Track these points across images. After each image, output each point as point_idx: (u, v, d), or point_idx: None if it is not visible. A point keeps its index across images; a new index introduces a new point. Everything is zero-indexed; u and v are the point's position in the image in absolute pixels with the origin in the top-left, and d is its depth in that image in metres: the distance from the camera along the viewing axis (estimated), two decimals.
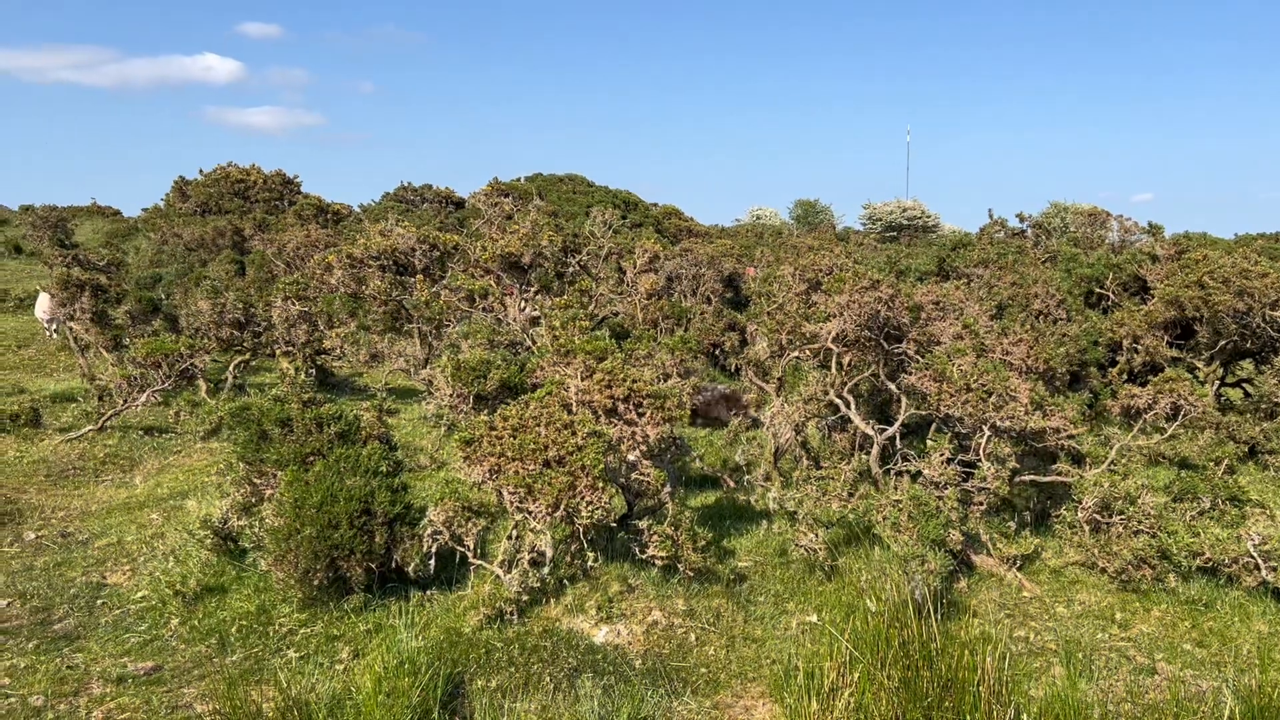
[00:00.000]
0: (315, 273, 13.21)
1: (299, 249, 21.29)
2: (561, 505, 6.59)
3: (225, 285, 16.20)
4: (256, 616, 7.03)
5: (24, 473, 10.68)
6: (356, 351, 11.66)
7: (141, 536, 8.84)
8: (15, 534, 8.85)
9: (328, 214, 30.91)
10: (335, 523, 6.88)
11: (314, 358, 13.71)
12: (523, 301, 13.45)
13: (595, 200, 36.49)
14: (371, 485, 7.11)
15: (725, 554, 8.16)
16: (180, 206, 33.96)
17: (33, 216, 40.91)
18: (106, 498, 10.13)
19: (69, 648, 6.70)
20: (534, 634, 6.69)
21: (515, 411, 6.98)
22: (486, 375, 9.17)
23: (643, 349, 8.61)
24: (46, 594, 7.55)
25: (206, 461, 11.23)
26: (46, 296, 18.25)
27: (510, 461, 6.74)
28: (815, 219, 73.20)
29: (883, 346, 8.52)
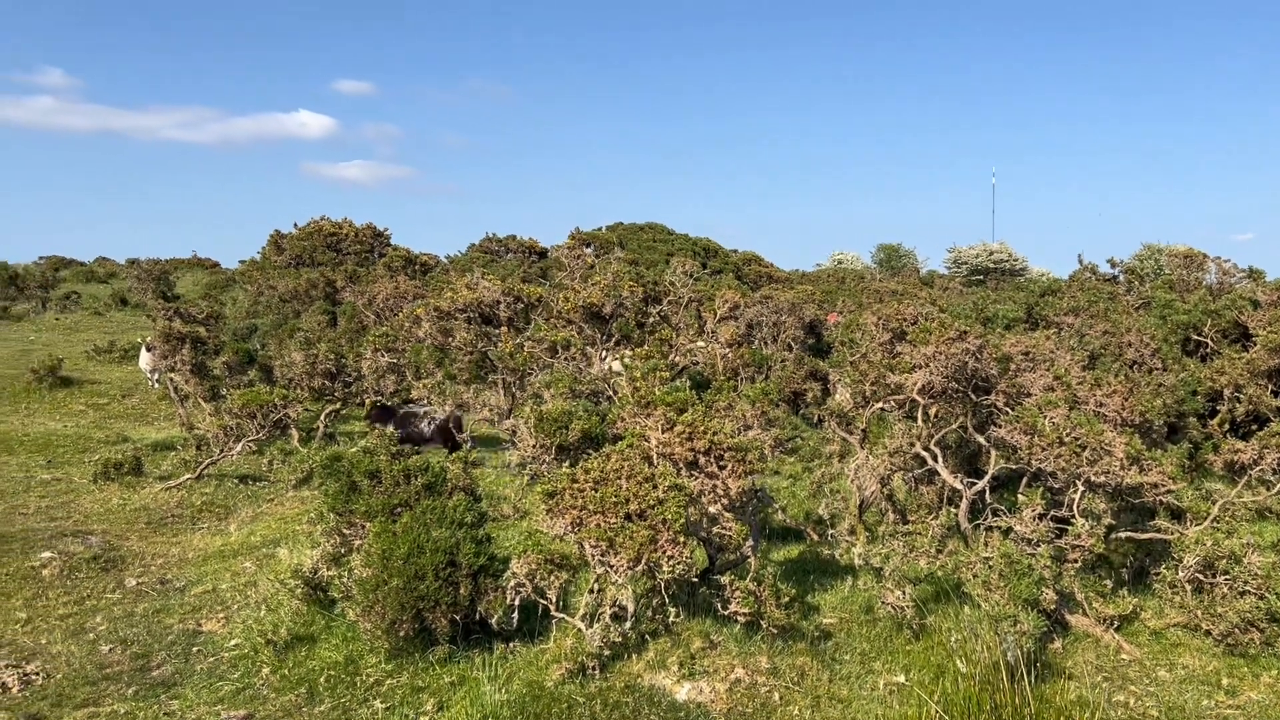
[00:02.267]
0: (404, 324, 13.54)
1: (388, 300, 21.86)
2: (643, 559, 6.58)
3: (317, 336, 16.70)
4: (344, 666, 7.15)
5: (126, 520, 11.09)
6: (443, 402, 11.89)
7: (235, 584, 9.08)
8: (118, 580, 9.17)
9: (416, 265, 31.72)
10: (421, 574, 6.98)
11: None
12: (603, 352, 13.57)
13: (675, 248, 36.79)
14: (457, 537, 7.21)
15: (809, 610, 8.03)
16: (275, 259, 35.23)
17: (138, 270, 42.86)
18: (203, 545, 10.44)
19: (166, 694, 6.89)
20: (616, 689, 6.66)
21: (597, 464, 7.03)
22: (568, 426, 9.25)
23: (723, 400, 8.60)
24: (146, 640, 7.79)
25: (298, 510, 11.51)
26: (147, 354, 19.14)
27: (592, 514, 6.77)
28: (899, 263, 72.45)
29: (970, 398, 8.36)
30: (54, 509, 11.41)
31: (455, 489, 7.82)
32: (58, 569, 9.20)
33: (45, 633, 7.89)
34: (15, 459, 13.86)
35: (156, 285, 38.26)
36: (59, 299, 35.29)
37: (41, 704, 6.62)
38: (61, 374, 19.74)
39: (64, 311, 33.84)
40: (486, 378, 13.90)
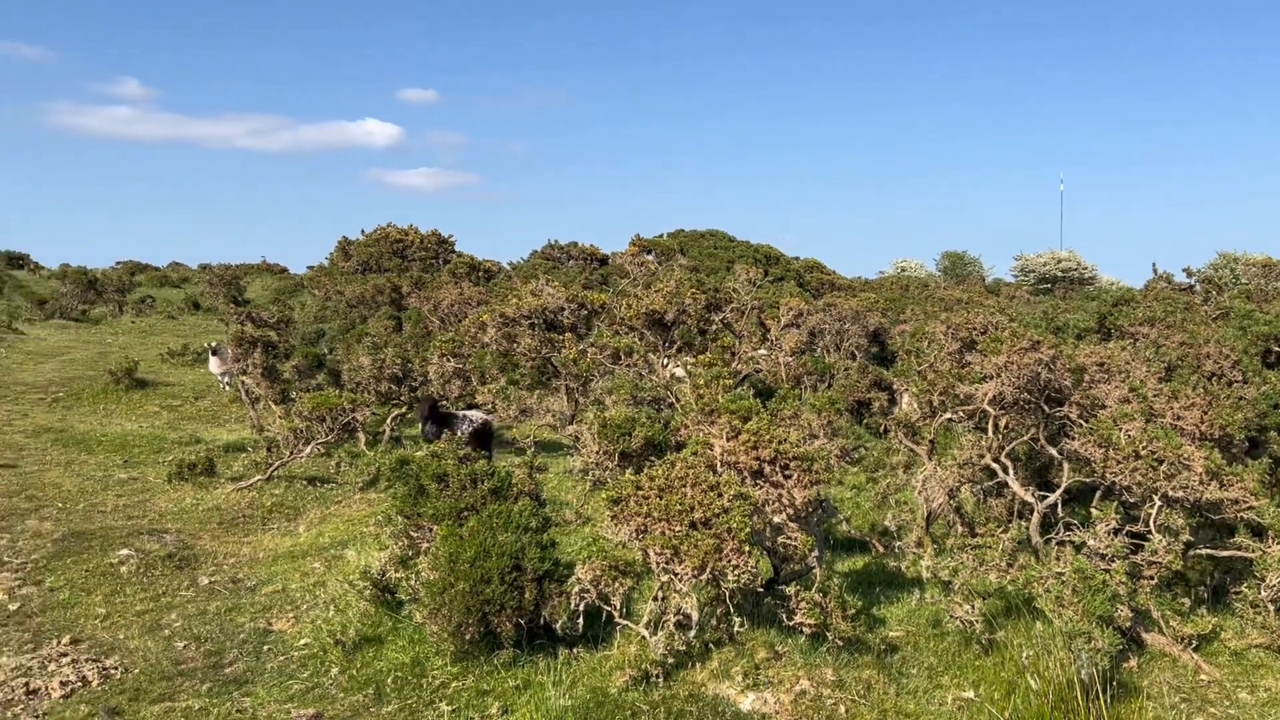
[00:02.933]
0: (470, 330, 13.71)
1: (453, 306, 22.12)
2: (708, 568, 6.56)
3: (384, 341, 16.96)
4: (411, 668, 7.23)
5: (199, 519, 11.36)
6: (507, 407, 11.99)
7: (304, 584, 9.25)
8: (192, 578, 9.40)
9: (479, 272, 32.07)
10: (487, 578, 7.04)
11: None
12: (665, 358, 13.57)
13: (736, 255, 36.67)
14: (522, 541, 7.26)
15: (875, 623, 7.93)
16: (343, 265, 35.90)
17: (210, 275, 44.00)
18: (273, 545, 10.65)
19: (238, 691, 7.04)
20: (679, 698, 6.64)
21: (661, 471, 7.02)
22: (631, 433, 9.26)
23: (788, 408, 8.54)
24: (219, 638, 7.97)
25: (365, 512, 11.69)
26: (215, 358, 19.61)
27: (657, 522, 6.76)
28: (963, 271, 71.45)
29: (1043, 410, 8.19)
30: (130, 507, 11.73)
31: (521, 494, 7.87)
32: (135, 566, 9.45)
33: (123, 628, 8.11)
34: (94, 458, 14.28)
35: (228, 290, 39.23)
36: (134, 303, 36.33)
37: (120, 698, 6.80)
38: (137, 376, 20.30)
39: (139, 315, 34.83)
40: (548, 383, 13.99)
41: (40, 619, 8.22)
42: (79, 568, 9.35)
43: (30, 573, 9.23)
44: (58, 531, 10.42)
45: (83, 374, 21.62)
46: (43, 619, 8.21)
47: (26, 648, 7.62)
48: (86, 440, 15.20)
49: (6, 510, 11.22)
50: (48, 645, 7.67)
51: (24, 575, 9.17)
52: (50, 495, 12.02)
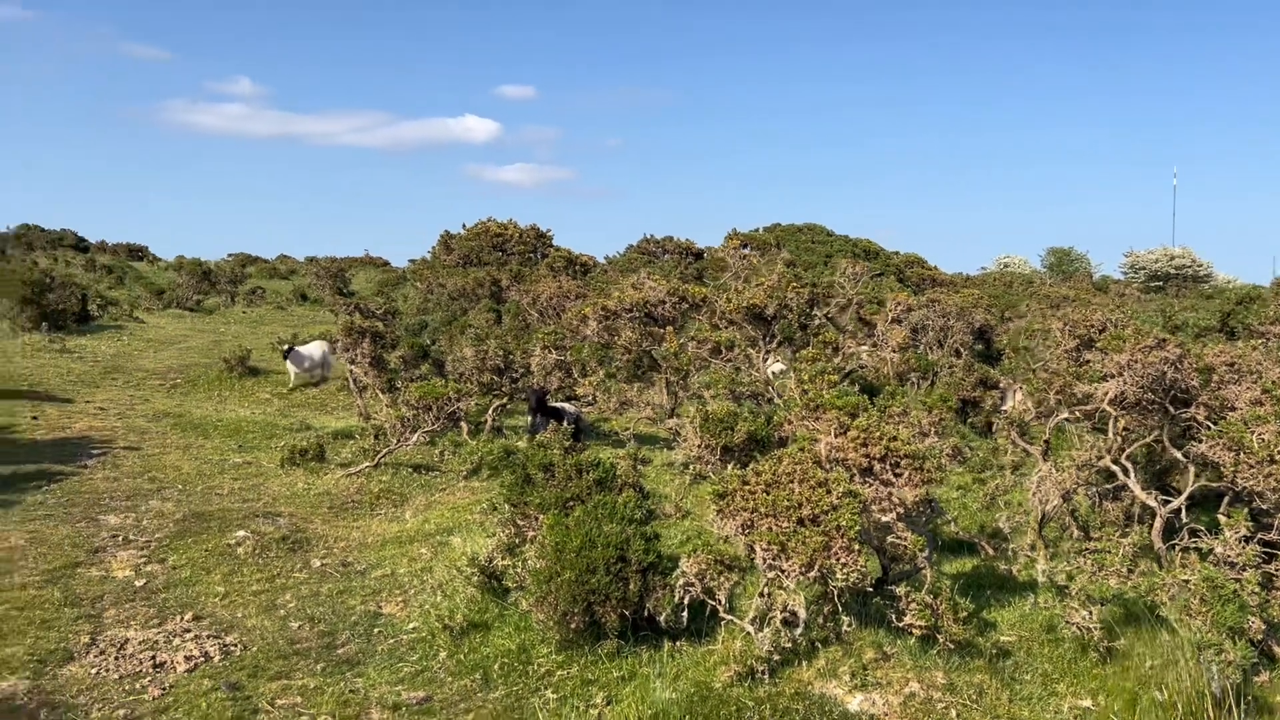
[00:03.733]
0: (571, 323, 13.81)
1: (551, 299, 22.33)
2: (816, 565, 6.47)
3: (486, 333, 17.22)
4: (517, 655, 7.31)
5: (311, 504, 11.70)
6: (607, 399, 12.04)
7: (412, 569, 9.44)
8: (304, 561, 9.68)
9: (576, 265, 32.33)
10: (593, 568, 7.07)
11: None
12: (765, 353, 13.44)
13: (834, 250, 36.17)
14: (627, 533, 7.27)
15: (986, 626, 7.71)
16: (445, 258, 36.59)
17: (316, 267, 45.34)
18: (380, 530, 10.90)
19: (351, 672, 7.22)
20: (785, 695, 6.56)
21: (769, 467, 6.95)
22: (734, 427, 9.20)
23: (897, 405, 8.37)
24: (331, 620, 8.19)
25: (469, 500, 11.87)
26: (315, 345, 20.16)
27: (764, 518, 6.69)
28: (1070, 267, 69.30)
29: (1168, 411, 7.85)
30: (245, 490, 12.15)
31: (625, 485, 7.88)
32: (251, 547, 9.78)
33: (241, 607, 8.40)
34: (210, 443, 14.84)
35: (333, 282, 40.38)
36: (245, 294, 37.66)
37: (240, 673, 7.04)
38: (250, 364, 21.03)
39: (250, 305, 36.09)
40: (644, 376, 14.00)
41: (164, 595, 8.56)
42: (199, 547, 9.72)
43: (154, 551, 9.64)
44: (179, 512, 10.86)
45: (198, 361, 22.51)
46: (166, 595, 8.56)
47: (152, 622, 7.94)
48: (203, 425, 15.81)
49: (131, 490, 11.74)
50: (171, 621, 7.98)
51: (149, 553, 9.57)
52: (171, 477, 12.54)
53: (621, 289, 13.40)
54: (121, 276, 41.02)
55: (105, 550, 9.59)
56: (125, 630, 7.73)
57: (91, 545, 9.68)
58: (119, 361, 22.01)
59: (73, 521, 10.37)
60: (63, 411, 16.23)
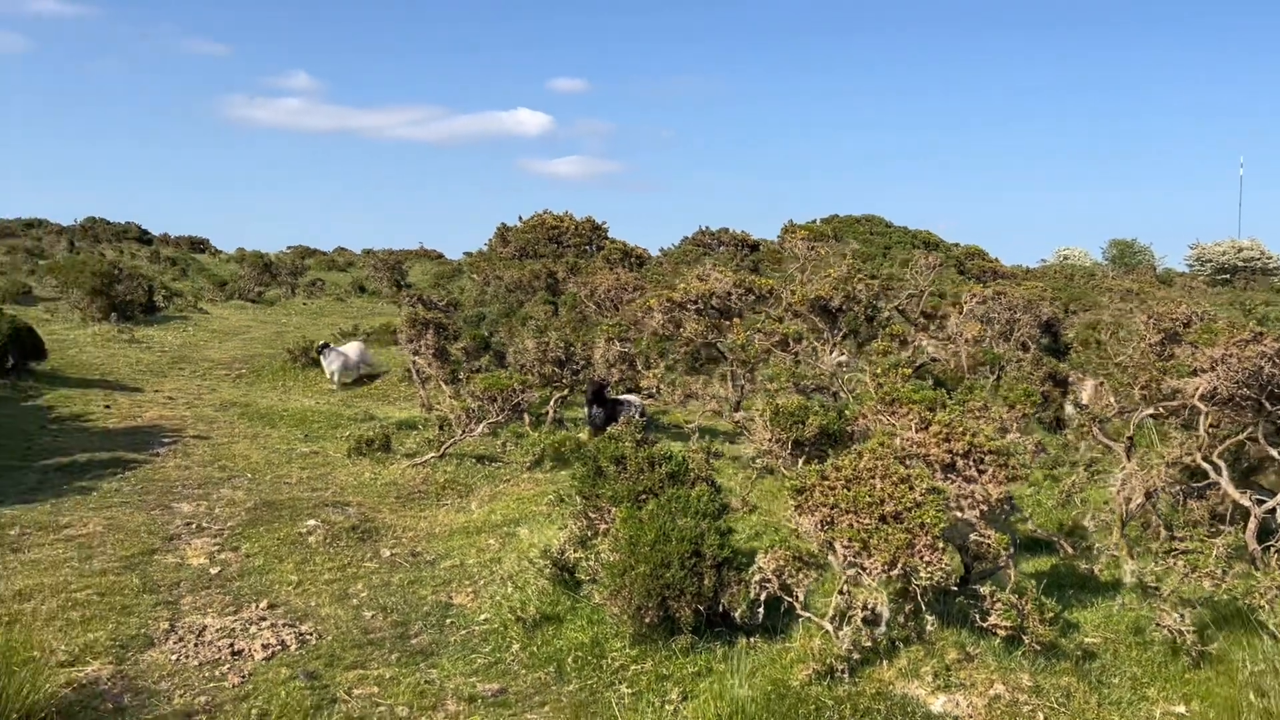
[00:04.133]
0: (635, 315, 13.74)
1: (609, 291, 22.28)
2: (899, 563, 6.32)
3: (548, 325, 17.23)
4: (590, 648, 7.26)
5: (378, 493, 11.77)
6: (671, 391, 11.96)
7: (481, 560, 9.44)
8: (374, 550, 9.73)
9: (631, 258, 32.26)
10: (667, 562, 6.99)
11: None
12: (830, 346, 13.25)
13: (894, 241, 35.70)
14: (701, 527, 7.18)
15: (1068, 627, 7.50)
16: (501, 250, 36.75)
17: (374, 260, 45.78)
18: (448, 521, 10.92)
19: (425, 663, 7.23)
20: (866, 695, 6.43)
21: (849, 462, 6.81)
22: (805, 421, 9.06)
23: (975, 399, 8.17)
24: (404, 609, 8.21)
25: (534, 491, 11.86)
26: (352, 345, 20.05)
27: (844, 514, 6.56)
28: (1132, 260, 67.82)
29: (1263, 407, 7.56)
30: (314, 480, 12.27)
31: (697, 479, 7.79)
32: (322, 536, 9.86)
33: (314, 595, 8.46)
34: (277, 432, 15.03)
35: (391, 274, 40.73)
36: (306, 285, 38.15)
37: (316, 663, 7.08)
38: (312, 355, 21.27)
39: (310, 297, 36.55)
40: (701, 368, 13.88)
41: (239, 583, 8.65)
42: (271, 536, 9.82)
43: (227, 539, 9.75)
44: (250, 500, 10.99)
45: (262, 352, 22.84)
46: (241, 583, 8.65)
47: (228, 610, 8.03)
48: (269, 415, 16.01)
49: (203, 479, 11.92)
50: (247, 608, 8.06)
51: (222, 541, 9.69)
52: (240, 466, 12.71)
53: (686, 280, 13.31)
54: (185, 268, 41.80)
55: (180, 538, 9.73)
56: (203, 617, 7.82)
57: (166, 532, 9.82)
58: (185, 351, 22.40)
59: (147, 509, 10.54)
60: (133, 400, 16.55)
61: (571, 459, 13.48)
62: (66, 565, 8.69)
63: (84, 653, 7.00)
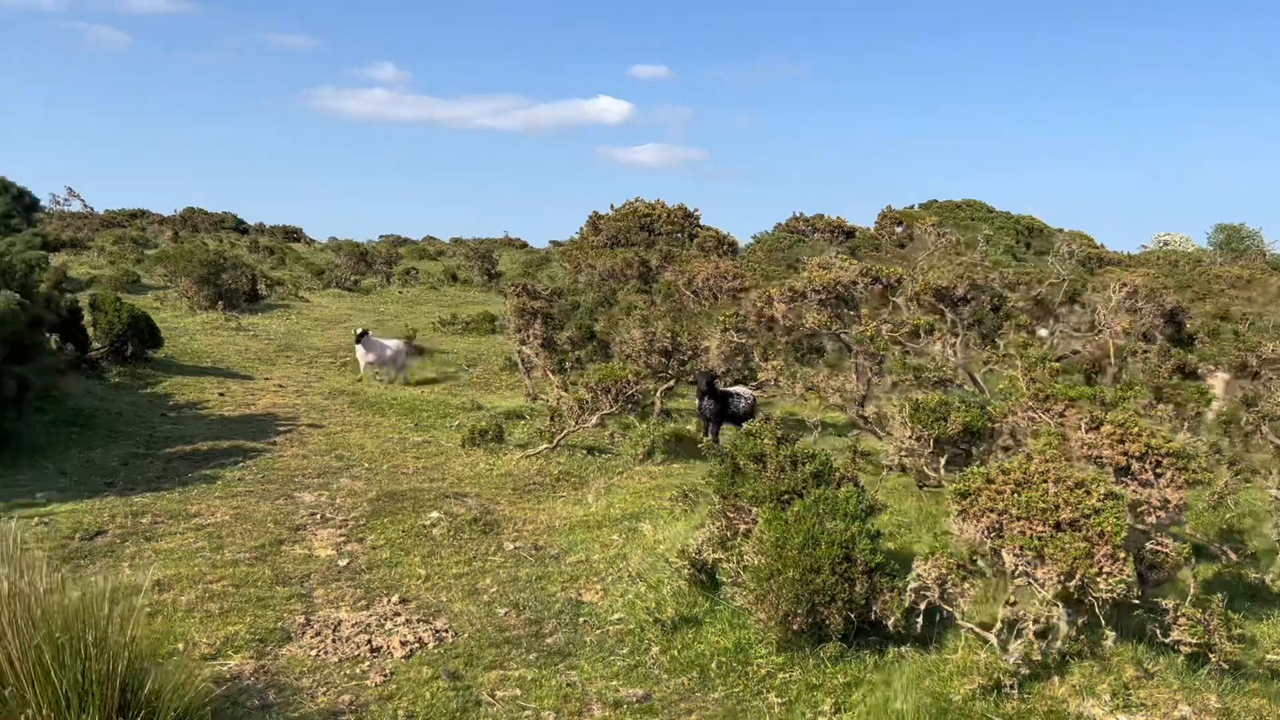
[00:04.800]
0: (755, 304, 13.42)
1: (708, 280, 21.95)
2: (1077, 574, 5.90)
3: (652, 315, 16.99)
4: (734, 654, 6.99)
5: (495, 484, 11.66)
6: (792, 384, 11.61)
7: (606, 556, 9.23)
8: (497, 543, 9.60)
9: (725, 245, 31.85)
10: (817, 567, 6.67)
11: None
12: (952, 338, 12.73)
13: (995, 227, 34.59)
14: (852, 530, 6.84)
15: (1248, 643, 6.97)
16: (593, 238, 36.67)
17: (465, 249, 46.22)
18: (566, 514, 10.76)
19: (563, 664, 7.04)
20: (1037, 713, 6.03)
21: (1017, 464, 6.39)
22: (947, 418, 8.62)
23: (1139, 396, 7.66)
24: (535, 606, 8.04)
25: (649, 485, 11.63)
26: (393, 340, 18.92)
27: (1015, 520, 6.15)
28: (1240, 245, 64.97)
29: None
30: (429, 470, 12.23)
31: (843, 479, 7.45)
32: (445, 529, 9.76)
33: (444, 590, 8.34)
34: (387, 420, 15.07)
35: (482, 263, 41.02)
36: (400, 274, 38.60)
37: (456, 662, 6.94)
38: (416, 344, 21.39)
39: (405, 286, 36.95)
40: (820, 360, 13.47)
41: (368, 576, 8.59)
42: (395, 527, 9.75)
43: (353, 530, 9.72)
44: (371, 491, 10.97)
45: None
46: (370, 576, 8.58)
47: (360, 603, 7.96)
48: (378, 403, 16.09)
49: (322, 468, 11.96)
50: (379, 602, 7.98)
51: (347, 532, 9.66)
52: (356, 455, 12.74)
53: (809, 269, 12.93)
54: (283, 257, 42.66)
55: (305, 528, 9.73)
56: (337, 611, 7.75)
57: (292, 523, 9.83)
58: (290, 339, 22.74)
59: (271, 498, 10.58)
60: (245, 388, 16.80)
61: (683, 452, 13.24)
62: (199, 555, 8.73)
63: (225, 646, 6.97)
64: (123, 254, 37.53)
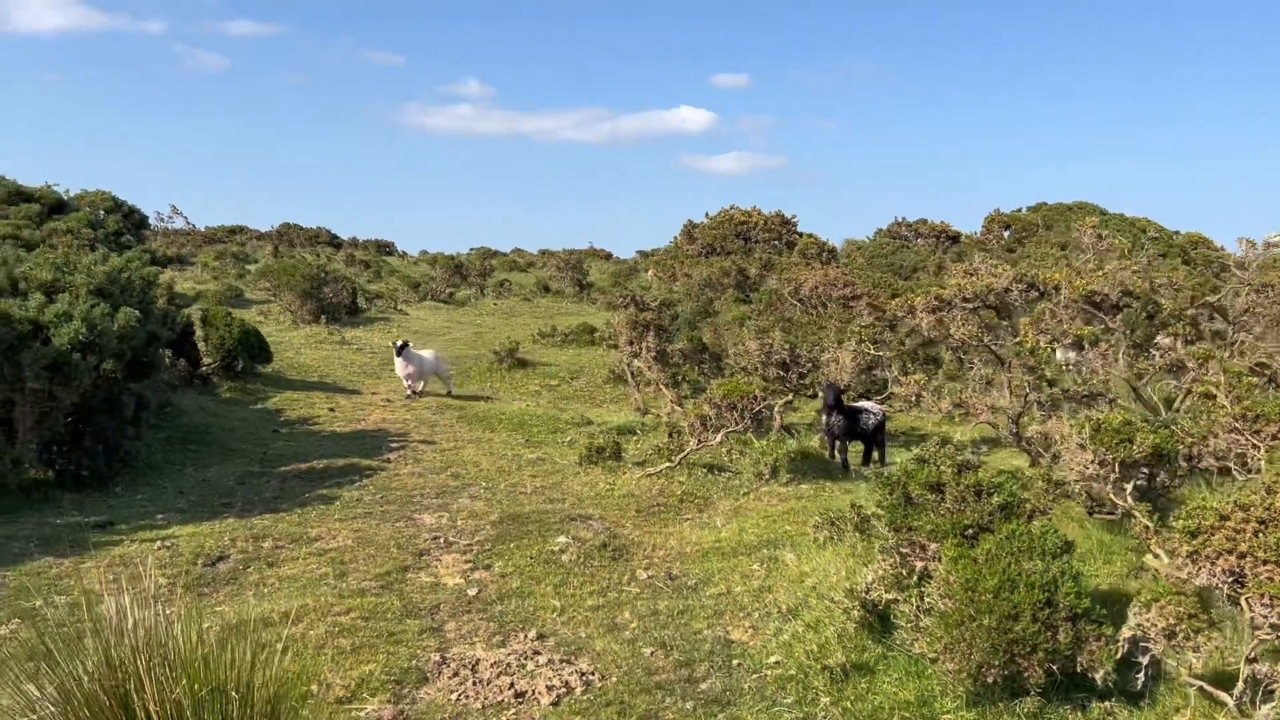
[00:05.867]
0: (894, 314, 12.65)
1: (816, 289, 21.14)
2: None
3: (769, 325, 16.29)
4: (917, 707, 6.25)
5: (617, 505, 11.09)
6: (936, 400, 10.80)
7: (748, 588, 8.56)
8: (629, 571, 9.01)
9: (826, 252, 30.94)
10: (1016, 613, 5.90)
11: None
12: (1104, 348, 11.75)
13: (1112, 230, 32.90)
14: (1053, 571, 6.05)
15: None
16: (687, 248, 36.06)
17: (556, 260, 46.06)
18: (695, 538, 10.12)
19: (722, 714, 6.39)
20: None
21: (1258, 500, 5.54)
22: (1132, 439, 7.75)
23: None
24: (682, 645, 7.41)
25: (780, 508, 10.93)
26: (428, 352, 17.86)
27: (1259, 564, 5.31)
28: None
29: None
30: (548, 489, 11.72)
31: (1035, 511, 6.66)
32: (574, 555, 9.21)
33: (582, 625, 7.77)
34: (498, 436, 14.66)
35: (573, 274, 40.76)
36: (494, 286, 38.55)
37: (607, 710, 6.34)
38: (518, 356, 21.06)
39: (499, 298, 36.87)
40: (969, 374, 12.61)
41: (499, 607, 8.07)
42: (522, 554, 9.24)
43: (478, 556, 9.23)
44: (493, 513, 10.49)
45: (466, 353, 22.82)
46: (502, 608, 8.06)
47: (495, 639, 7.43)
48: (487, 418, 15.70)
49: (439, 487, 11.54)
50: (515, 638, 7.44)
51: (473, 558, 9.18)
52: (472, 474, 12.31)
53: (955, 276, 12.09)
54: (379, 271, 43.02)
55: (429, 553, 9.28)
56: (472, 648, 7.23)
57: (415, 547, 9.39)
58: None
59: (391, 520, 10.18)
60: (354, 403, 16.60)
61: (809, 471, 12.50)
62: (324, 583, 8.32)
63: (360, 688, 6.50)
64: (224, 269, 38.19)
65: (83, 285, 10.47)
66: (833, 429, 12.84)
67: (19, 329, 9.57)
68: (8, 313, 9.54)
